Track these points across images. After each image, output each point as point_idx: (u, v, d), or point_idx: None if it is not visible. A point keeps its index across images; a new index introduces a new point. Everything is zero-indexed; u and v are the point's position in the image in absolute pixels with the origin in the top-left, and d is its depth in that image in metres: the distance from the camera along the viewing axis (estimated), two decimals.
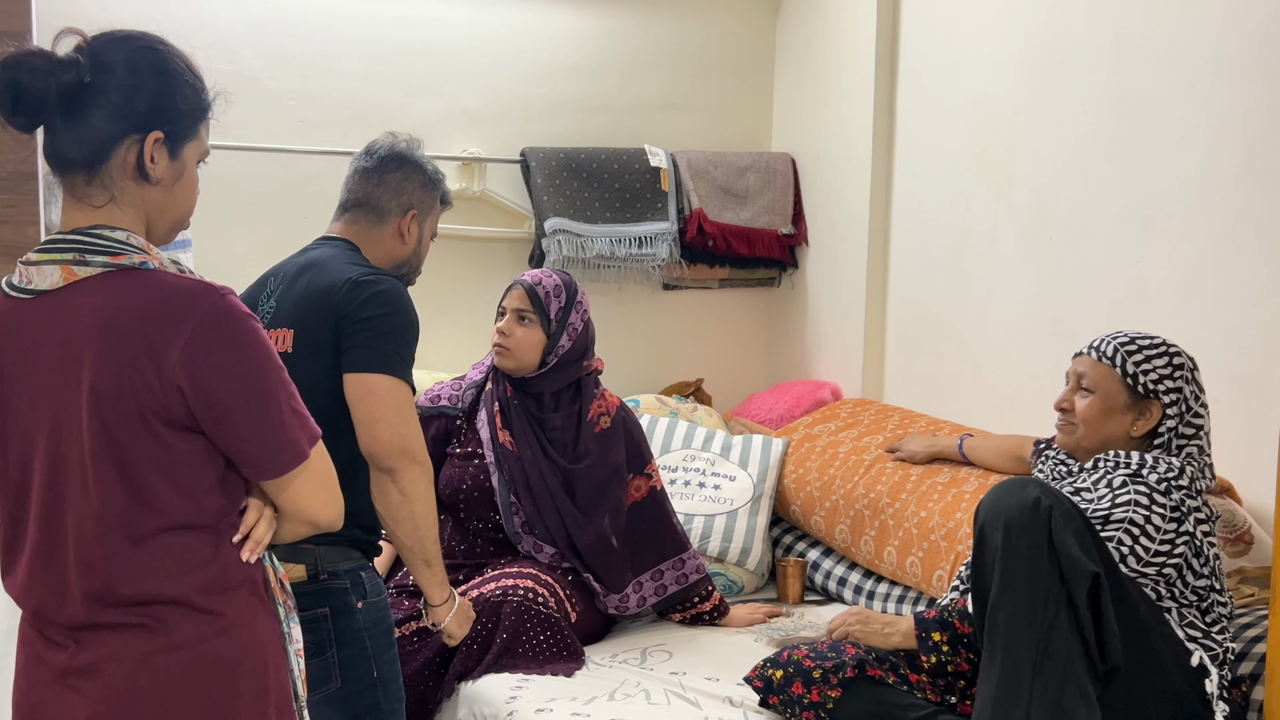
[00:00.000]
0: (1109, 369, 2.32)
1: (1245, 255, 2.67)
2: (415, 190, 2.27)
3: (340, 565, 2.04)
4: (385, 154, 2.28)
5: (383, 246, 2.25)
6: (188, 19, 3.27)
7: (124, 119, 1.47)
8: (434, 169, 2.33)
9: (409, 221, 2.26)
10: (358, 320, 2.04)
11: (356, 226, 2.25)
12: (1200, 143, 2.76)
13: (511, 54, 3.70)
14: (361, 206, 2.25)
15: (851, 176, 3.72)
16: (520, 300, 2.83)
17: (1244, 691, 2.24)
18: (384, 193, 2.25)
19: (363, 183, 2.26)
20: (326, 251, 2.18)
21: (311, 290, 2.09)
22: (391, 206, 2.25)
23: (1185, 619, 2.21)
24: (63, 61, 1.45)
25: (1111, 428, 2.32)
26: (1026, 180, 3.21)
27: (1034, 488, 2.12)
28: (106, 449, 1.42)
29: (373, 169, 2.26)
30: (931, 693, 2.27)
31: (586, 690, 2.43)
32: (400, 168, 2.27)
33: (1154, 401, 2.29)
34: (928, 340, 3.55)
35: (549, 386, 2.83)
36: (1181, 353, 2.32)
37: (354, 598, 2.04)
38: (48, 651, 1.49)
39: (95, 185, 1.48)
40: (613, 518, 2.80)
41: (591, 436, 2.83)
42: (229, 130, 3.32)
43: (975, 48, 3.36)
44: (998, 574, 2.08)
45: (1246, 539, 2.58)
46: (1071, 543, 2.06)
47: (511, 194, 3.73)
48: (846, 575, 3.17)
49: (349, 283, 2.06)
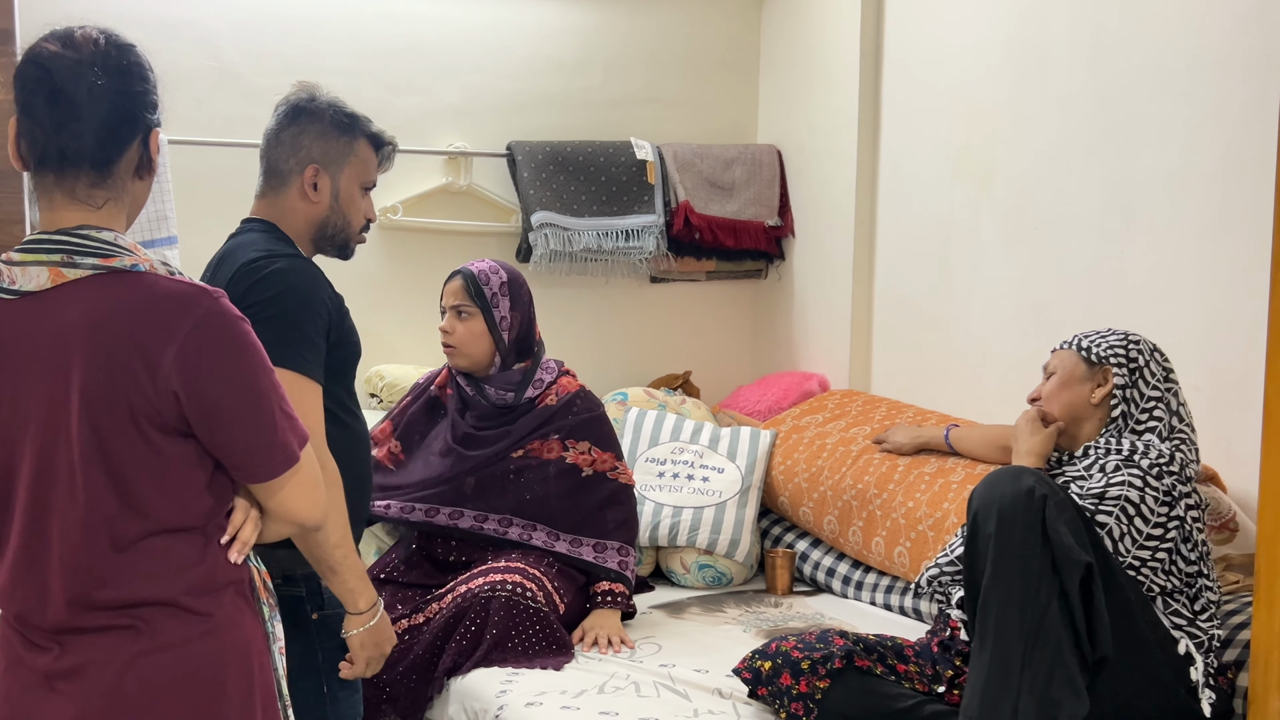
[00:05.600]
0: (1067, 351, 2.45)
1: (1225, 246, 2.69)
2: (313, 142, 2.05)
3: (296, 570, 1.94)
4: (282, 109, 2.09)
5: (294, 214, 2.06)
6: (172, 16, 3.25)
7: (134, 120, 1.49)
8: (337, 112, 2.09)
9: (312, 176, 2.05)
10: (244, 308, 1.84)
11: (265, 200, 2.09)
12: (1180, 136, 2.77)
13: (496, 48, 3.70)
14: (265, 174, 2.08)
15: (837, 169, 3.73)
16: (456, 295, 2.83)
17: (1230, 679, 2.26)
18: (281, 152, 2.06)
19: (265, 147, 2.09)
20: (235, 241, 2.05)
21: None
22: (290, 165, 2.05)
23: (1170, 607, 2.23)
24: (89, 61, 1.45)
25: (1070, 396, 2.41)
26: (1009, 173, 3.22)
27: (1028, 477, 2.14)
28: (97, 454, 1.42)
29: (271, 129, 2.08)
30: (919, 683, 2.29)
31: (576, 683, 2.44)
32: (294, 121, 2.06)
33: (1107, 368, 2.38)
34: (913, 331, 3.56)
35: (510, 380, 2.85)
36: (1141, 338, 2.41)
37: (309, 607, 1.96)
38: (30, 654, 1.47)
39: (103, 186, 1.47)
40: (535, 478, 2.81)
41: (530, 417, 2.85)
42: (213, 126, 3.36)
43: (958, 41, 3.37)
44: (990, 562, 2.10)
45: (1231, 526, 2.60)
46: (1065, 532, 2.08)
47: (498, 188, 3.73)
48: (835, 566, 3.19)
49: (240, 268, 1.93)
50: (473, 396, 2.87)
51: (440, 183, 3.64)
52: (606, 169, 3.73)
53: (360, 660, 1.99)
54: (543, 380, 2.88)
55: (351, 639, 1.97)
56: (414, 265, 3.58)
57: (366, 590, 1.95)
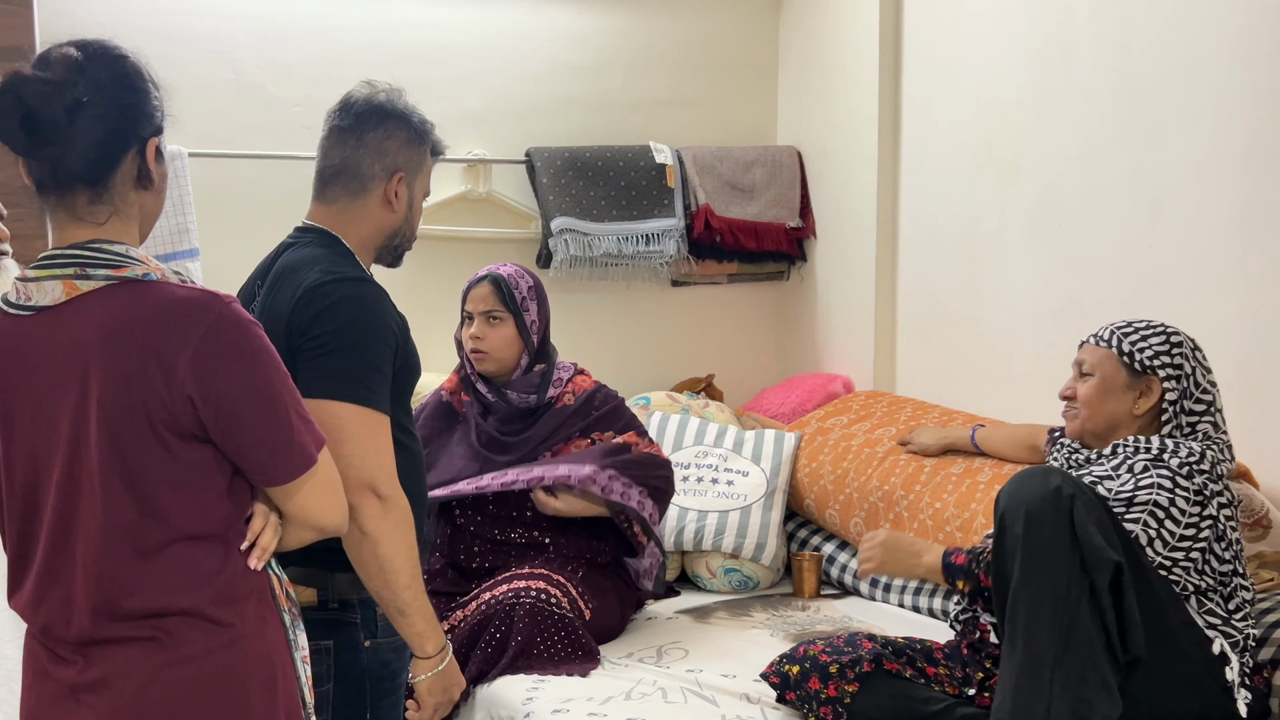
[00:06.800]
0: (1106, 350, 2.34)
1: (1255, 239, 2.66)
2: (400, 148, 1.95)
3: (353, 596, 1.87)
4: (363, 109, 1.96)
5: (370, 221, 1.95)
6: (191, 29, 3.27)
7: (125, 133, 1.47)
8: (420, 119, 2.01)
9: (396, 185, 1.95)
10: (311, 337, 1.78)
11: (336, 206, 1.95)
12: (1207, 127, 2.74)
13: (514, 54, 3.70)
14: (341, 176, 1.94)
15: (858, 168, 3.71)
16: (487, 300, 2.82)
17: (1266, 678, 2.23)
18: (364, 156, 1.93)
19: (339, 146, 1.95)
20: (297, 256, 1.91)
21: (276, 313, 1.84)
22: (375, 171, 1.93)
23: (1205, 606, 2.19)
24: (63, 81, 1.43)
25: (1113, 406, 2.32)
26: (1034, 168, 3.19)
27: (1056, 476, 2.11)
28: (115, 462, 1.42)
29: (349, 128, 1.94)
30: (949, 685, 2.26)
31: (603, 690, 2.42)
32: (381, 124, 1.95)
33: (1152, 378, 2.29)
34: (938, 331, 3.54)
35: (530, 383, 2.85)
36: (1179, 332, 2.32)
37: (362, 634, 1.88)
38: (55, 667, 1.48)
39: (101, 202, 1.47)
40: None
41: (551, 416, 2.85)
42: (233, 138, 3.37)
43: (979, 36, 3.34)
44: (1019, 563, 2.07)
45: (1265, 523, 2.56)
46: (1094, 532, 2.05)
47: (517, 194, 3.73)
48: None
49: (306, 291, 1.81)
50: (494, 401, 2.86)
51: (459, 190, 3.65)
52: (626, 173, 3.72)
53: (429, 707, 1.91)
54: (561, 379, 2.89)
55: (420, 685, 1.89)
56: (434, 274, 3.58)
57: (435, 634, 1.87)
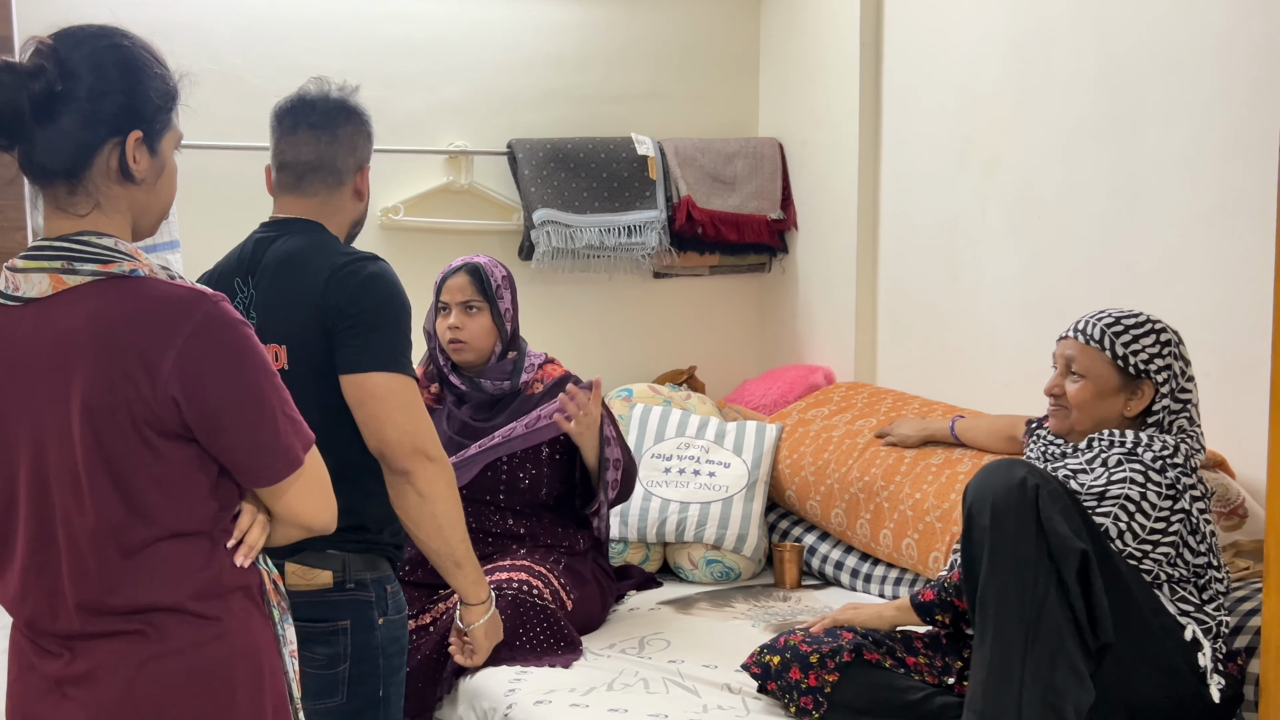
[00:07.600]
0: (1098, 352, 2.31)
1: (1233, 232, 2.68)
2: (364, 144, 2.08)
3: (367, 575, 1.96)
4: (331, 107, 2.05)
5: (345, 211, 2.07)
6: (170, 20, 3.25)
7: (101, 124, 1.43)
8: (367, 114, 2.13)
9: (364, 177, 2.09)
10: (348, 316, 1.90)
11: (317, 199, 2.04)
12: (1186, 121, 2.76)
13: (496, 46, 3.70)
14: (319, 171, 2.02)
15: (839, 161, 3.72)
16: (465, 290, 2.83)
17: (1240, 665, 2.25)
18: (338, 151, 2.03)
19: (312, 142, 2.02)
20: (294, 244, 1.99)
21: (297, 299, 1.93)
22: (348, 165, 2.05)
23: (1177, 594, 2.22)
24: (30, 71, 1.40)
25: (1104, 410, 2.32)
26: (1014, 162, 3.21)
27: (1020, 468, 2.13)
28: (100, 461, 1.41)
29: (321, 125, 2.03)
30: (929, 674, 2.28)
31: (585, 681, 2.43)
32: (349, 121, 2.05)
33: (1146, 381, 2.30)
34: (919, 323, 3.55)
35: (503, 371, 2.86)
36: (1167, 328, 2.33)
37: (376, 613, 1.96)
38: (41, 660, 1.48)
39: (79, 194, 1.45)
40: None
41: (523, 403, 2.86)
42: (214, 129, 3.35)
43: (959, 29, 3.35)
44: (986, 555, 2.09)
45: (1240, 513, 2.59)
46: (1059, 521, 2.07)
47: (499, 186, 3.72)
48: (843, 559, 3.18)
49: (332, 274, 1.92)
50: (467, 390, 2.87)
51: (441, 182, 3.64)
52: (608, 165, 3.72)
53: (483, 650, 2.25)
54: (532, 365, 2.90)
55: (476, 630, 2.22)
56: (416, 265, 3.56)
57: (484, 582, 2.19)
